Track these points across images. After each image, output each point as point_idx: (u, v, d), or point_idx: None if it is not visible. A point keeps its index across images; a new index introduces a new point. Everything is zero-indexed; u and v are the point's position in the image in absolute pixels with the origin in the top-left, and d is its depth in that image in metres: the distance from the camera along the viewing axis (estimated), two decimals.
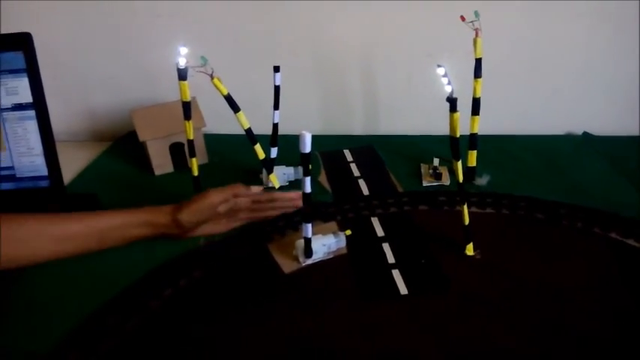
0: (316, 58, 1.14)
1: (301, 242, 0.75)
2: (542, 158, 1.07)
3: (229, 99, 0.82)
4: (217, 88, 0.80)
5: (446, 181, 0.99)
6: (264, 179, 0.95)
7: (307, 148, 0.66)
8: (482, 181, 0.98)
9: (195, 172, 0.89)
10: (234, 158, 1.07)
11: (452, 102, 0.66)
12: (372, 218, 0.89)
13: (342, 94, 1.18)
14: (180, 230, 0.79)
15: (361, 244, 0.82)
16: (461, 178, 0.73)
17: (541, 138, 1.14)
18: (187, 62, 0.78)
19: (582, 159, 1.06)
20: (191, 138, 0.84)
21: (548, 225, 0.86)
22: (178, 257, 0.78)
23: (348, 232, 0.82)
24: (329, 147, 1.12)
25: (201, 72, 0.77)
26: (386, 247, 0.81)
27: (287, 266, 0.76)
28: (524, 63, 1.12)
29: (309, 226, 0.72)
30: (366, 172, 1.02)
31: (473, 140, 0.95)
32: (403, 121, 1.19)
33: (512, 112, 1.18)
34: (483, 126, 1.05)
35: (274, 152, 0.95)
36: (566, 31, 1.08)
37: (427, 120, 1.16)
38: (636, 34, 1.06)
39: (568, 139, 1.15)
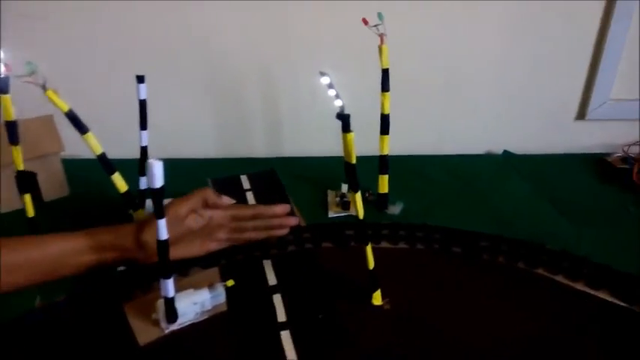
0: (208, 71, 0.99)
1: (162, 302, 0.59)
2: (461, 181, 0.96)
3: (72, 116, 0.64)
4: (53, 103, 0.62)
5: (355, 210, 0.85)
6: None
7: (157, 181, 0.49)
8: (395, 209, 0.86)
9: (30, 213, 0.69)
10: (105, 189, 0.88)
11: (343, 120, 0.52)
12: (265, 261, 0.73)
13: (240, 112, 1.03)
14: (145, 254, 0.65)
15: (246, 297, 0.66)
16: (361, 214, 0.60)
17: (459, 158, 1.04)
18: (8, 70, 0.60)
19: (503, 181, 0.96)
20: (21, 168, 0.65)
21: (466, 260, 0.74)
22: None
23: (230, 282, 0.66)
24: (224, 172, 0.96)
25: (28, 82, 0.59)
26: (277, 299, 0.66)
27: (143, 335, 0.59)
28: (439, 77, 1.02)
29: (169, 282, 0.56)
30: (263, 202, 0.87)
31: (383, 163, 0.82)
32: (309, 141, 1.05)
33: (428, 131, 1.07)
34: (396, 146, 0.95)
35: (143, 182, 0.78)
36: (484, 45, 0.99)
37: (337, 139, 1.02)
38: (557, 49, 0.99)
39: (488, 159, 1.06)
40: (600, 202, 0.89)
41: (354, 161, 0.55)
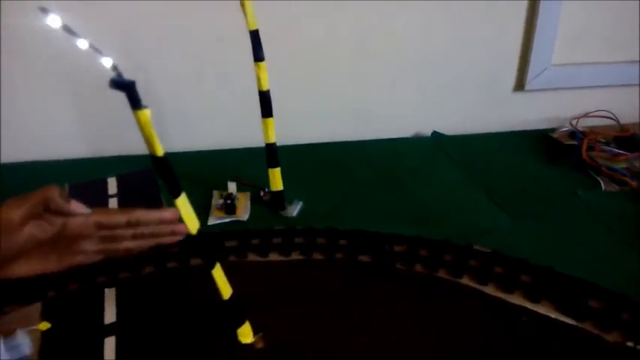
0: (65, 61, 0.79)
1: None
2: (380, 171, 0.79)
3: None
4: None
5: (243, 214, 0.68)
6: None
7: None
8: (291, 210, 0.69)
9: None
10: None
11: (125, 89, 0.34)
12: (108, 290, 0.55)
13: (111, 104, 0.83)
14: None
15: (67, 343, 0.49)
16: (192, 226, 0.42)
17: (381, 144, 0.87)
18: None
19: (431, 168, 0.80)
20: None
21: (375, 272, 0.58)
22: None
23: (44, 325, 0.48)
24: (90, 174, 0.77)
25: None
26: (109, 344, 0.48)
27: None
28: (351, 49, 0.84)
29: None
30: None
31: (270, 153, 0.65)
32: (201, 132, 0.87)
33: (341, 113, 0.90)
34: (305, 133, 0.85)
35: None
36: (401, 9, 0.82)
37: (231, 128, 0.85)
38: (486, 9, 0.83)
39: (414, 143, 0.89)
40: (545, 188, 0.74)
41: (160, 153, 0.37)
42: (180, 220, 0.55)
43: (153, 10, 0.77)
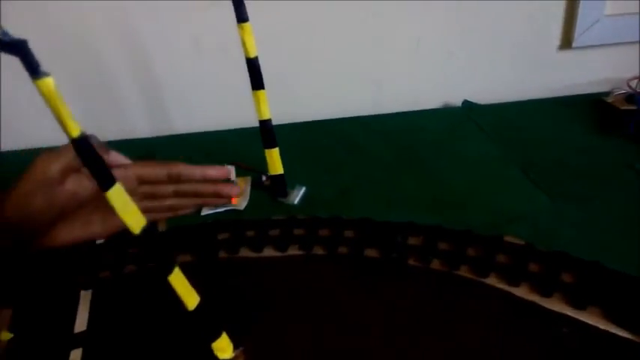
0: (51, 37, 0.73)
1: None
2: (401, 148, 0.69)
3: None
4: None
5: (240, 202, 0.61)
6: None
7: None
8: (293, 197, 0.61)
9: None
10: None
11: (12, 48, 0.26)
12: (83, 292, 0.50)
13: (105, 84, 0.77)
14: (16, 239, 0.46)
15: (32, 355, 0.43)
16: (136, 227, 0.34)
17: (404, 117, 0.77)
18: None
19: (459, 143, 0.69)
20: None
21: (385, 271, 0.49)
22: None
23: (6, 335, 0.44)
24: None
25: None
26: (75, 356, 0.43)
27: None
28: (370, 4, 0.73)
29: None
30: None
31: (265, 132, 0.57)
32: (204, 111, 0.80)
33: (360, 83, 0.79)
34: (308, 108, 0.77)
35: None
36: None
37: (236, 105, 0.77)
38: None
39: (441, 114, 0.78)
40: (595, 162, 0.62)
41: (74, 133, 0.29)
42: (229, 181, 0.52)
43: None
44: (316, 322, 0.46)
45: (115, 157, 0.50)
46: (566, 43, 0.76)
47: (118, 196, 0.32)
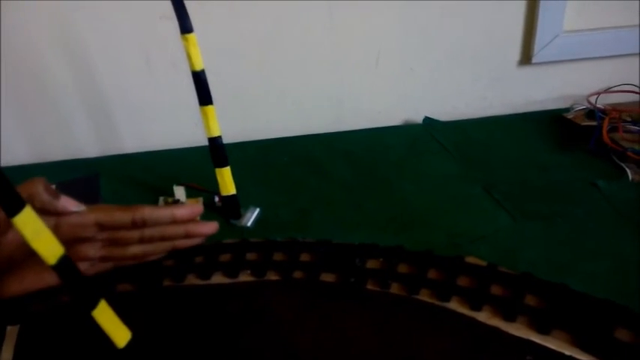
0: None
1: None
2: (361, 166, 0.67)
3: None
4: None
5: None
6: None
7: None
8: (246, 219, 0.57)
9: None
10: None
11: None
12: (9, 328, 0.45)
13: (51, 102, 0.73)
14: None
15: None
16: (51, 258, 0.30)
17: (364, 134, 0.75)
18: None
19: (420, 160, 0.67)
20: None
21: (342, 296, 0.46)
22: None
23: None
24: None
25: None
26: None
27: None
28: (329, 21, 0.71)
29: None
30: None
31: (216, 150, 0.53)
32: (154, 128, 0.76)
33: (318, 100, 0.77)
34: (267, 125, 0.75)
35: None
36: None
37: (189, 122, 0.74)
38: None
39: (402, 131, 0.76)
40: (557, 180, 0.61)
41: None
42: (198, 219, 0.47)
43: None
44: (268, 354, 0.42)
45: (67, 203, 0.46)
46: (526, 59, 0.75)
47: (28, 221, 0.28)
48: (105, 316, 0.33)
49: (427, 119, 0.76)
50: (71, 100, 0.73)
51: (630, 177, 0.59)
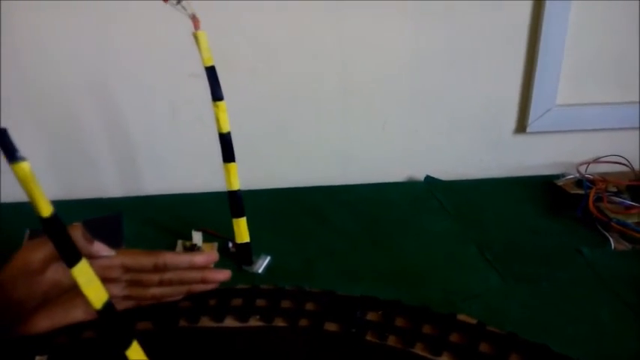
0: (23, 95, 0.75)
1: None
2: (365, 219, 0.72)
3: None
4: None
5: None
6: None
7: None
8: (257, 266, 0.62)
9: None
10: None
11: None
12: (38, 358, 0.49)
13: (79, 143, 0.78)
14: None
15: None
16: (98, 302, 0.34)
17: (369, 188, 0.80)
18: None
19: (421, 217, 0.73)
20: None
21: (344, 345, 0.50)
22: None
23: None
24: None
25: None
26: None
27: None
28: (334, 85, 0.78)
29: None
30: None
31: (234, 201, 0.59)
32: (175, 175, 0.81)
33: (327, 155, 0.83)
34: (286, 177, 0.81)
35: None
36: (388, 43, 0.76)
37: (208, 170, 0.79)
38: (481, 42, 0.77)
39: (406, 188, 0.82)
40: (544, 244, 0.66)
41: (46, 213, 0.31)
42: (214, 266, 0.52)
43: (121, 46, 0.73)
44: None
45: (99, 247, 0.51)
46: (521, 128, 0.81)
47: (83, 272, 0.34)
48: (136, 354, 0.37)
49: (428, 178, 0.82)
50: (100, 144, 0.79)
51: (613, 246, 0.64)
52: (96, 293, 0.34)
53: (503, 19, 0.75)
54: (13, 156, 0.28)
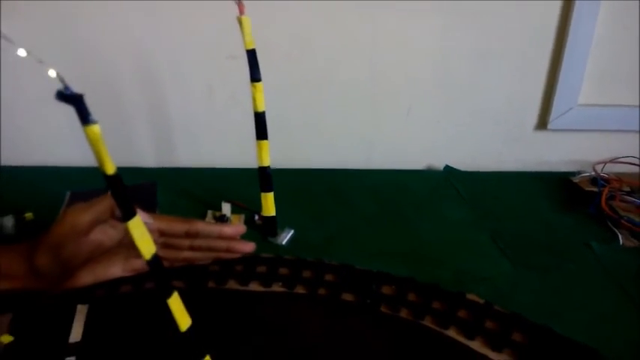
0: (73, 65, 0.79)
1: None
2: (386, 203, 0.76)
3: None
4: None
5: None
6: None
7: None
8: (281, 238, 0.66)
9: None
10: None
11: (72, 102, 0.33)
12: (80, 306, 0.54)
13: (119, 114, 0.83)
14: (45, 282, 0.51)
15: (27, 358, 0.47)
16: (147, 253, 0.39)
17: (391, 174, 0.84)
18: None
19: (438, 204, 0.76)
20: None
21: (359, 314, 0.54)
22: None
23: (6, 338, 0.48)
24: (94, 184, 0.77)
25: None
26: None
27: None
28: (363, 76, 0.82)
29: None
30: None
31: (263, 177, 0.63)
32: (204, 150, 0.86)
33: (354, 140, 0.87)
34: (314, 158, 0.85)
35: None
36: (417, 38, 0.79)
37: (239, 147, 0.83)
38: (508, 41, 0.79)
39: (425, 176, 0.85)
40: (556, 237, 0.69)
41: (110, 171, 0.35)
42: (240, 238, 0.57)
43: (165, 27, 0.77)
44: (292, 356, 0.50)
45: (141, 215, 0.56)
46: (542, 124, 0.84)
47: (137, 226, 0.38)
48: (176, 304, 0.42)
49: (448, 167, 0.85)
50: (140, 118, 0.83)
51: (621, 242, 0.67)
52: (146, 246, 0.38)
53: (532, 19, 0.78)
54: (86, 119, 0.33)
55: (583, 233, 0.69)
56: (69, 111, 0.33)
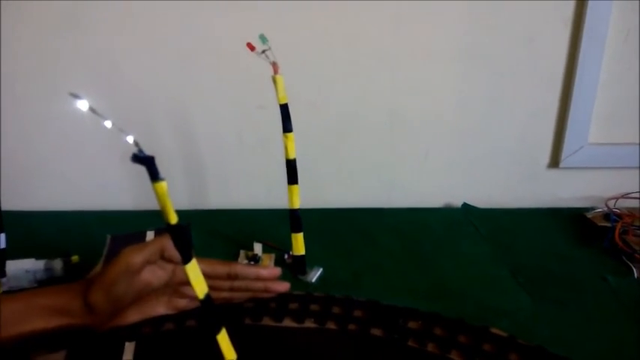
0: (112, 107, 0.85)
1: None
2: (407, 240, 0.80)
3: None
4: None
5: None
6: None
7: None
8: (311, 276, 0.70)
9: None
10: None
11: (145, 163, 0.38)
12: (127, 344, 0.58)
13: (156, 158, 0.88)
14: (97, 319, 0.55)
15: None
16: (201, 293, 0.43)
17: (411, 212, 0.88)
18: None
19: (458, 241, 0.80)
20: None
21: (388, 349, 0.58)
22: None
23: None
24: (131, 227, 0.82)
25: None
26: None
27: None
28: (382, 118, 0.87)
29: None
30: None
31: (294, 219, 0.67)
32: (237, 191, 0.91)
33: (373, 180, 0.92)
34: (335, 198, 0.90)
35: (2, 240, 0.64)
36: (432, 80, 0.85)
37: (267, 189, 0.89)
38: (519, 83, 0.85)
39: (444, 214, 0.89)
40: (572, 271, 0.72)
41: (173, 221, 0.40)
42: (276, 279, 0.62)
43: (200, 80, 0.84)
44: None
45: None
46: (554, 163, 0.88)
47: (193, 269, 0.42)
48: (224, 339, 0.46)
49: (465, 205, 0.89)
50: (173, 162, 0.89)
51: (636, 275, 0.70)
52: (200, 286, 0.43)
53: (541, 63, 0.83)
54: (156, 177, 0.38)
55: (598, 267, 0.72)
56: (112, 162, 0.38)
